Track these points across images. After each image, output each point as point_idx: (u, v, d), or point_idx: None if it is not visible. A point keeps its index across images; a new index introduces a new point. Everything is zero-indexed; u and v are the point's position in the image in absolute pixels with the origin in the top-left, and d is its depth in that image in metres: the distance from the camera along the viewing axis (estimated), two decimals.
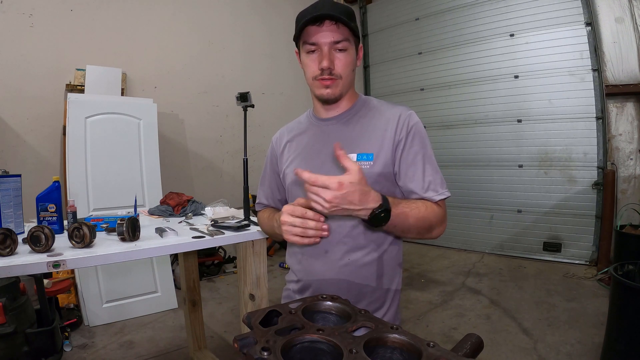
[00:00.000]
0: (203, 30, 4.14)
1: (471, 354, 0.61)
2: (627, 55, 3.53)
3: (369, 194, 0.77)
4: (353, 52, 0.96)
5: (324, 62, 0.92)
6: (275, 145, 1.14)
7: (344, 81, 0.96)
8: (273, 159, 1.14)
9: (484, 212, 4.40)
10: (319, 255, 0.97)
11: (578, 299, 2.95)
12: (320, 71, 0.93)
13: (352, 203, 0.75)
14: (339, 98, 0.99)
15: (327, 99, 0.98)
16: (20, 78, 3.04)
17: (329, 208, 0.75)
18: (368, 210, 0.78)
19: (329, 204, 0.74)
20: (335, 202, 0.74)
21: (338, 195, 0.73)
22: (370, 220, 0.80)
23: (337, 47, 0.92)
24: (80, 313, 2.73)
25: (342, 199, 0.74)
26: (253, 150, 4.50)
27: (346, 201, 0.74)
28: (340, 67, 0.93)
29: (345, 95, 1.01)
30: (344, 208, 0.76)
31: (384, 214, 0.79)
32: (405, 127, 0.95)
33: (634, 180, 3.58)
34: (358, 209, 0.77)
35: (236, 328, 2.66)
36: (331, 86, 0.95)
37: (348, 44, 0.93)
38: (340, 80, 0.95)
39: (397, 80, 5.13)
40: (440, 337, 2.49)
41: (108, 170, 2.91)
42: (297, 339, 0.57)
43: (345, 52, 0.93)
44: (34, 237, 1.17)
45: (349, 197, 0.74)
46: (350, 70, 0.97)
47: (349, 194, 0.74)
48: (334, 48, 0.93)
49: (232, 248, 3.75)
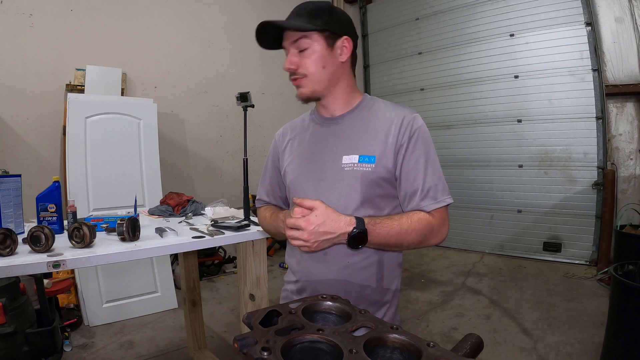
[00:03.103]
0: (203, 30, 4.14)
1: (471, 354, 0.61)
2: (627, 55, 3.53)
3: (339, 220, 0.82)
4: (320, 48, 0.92)
5: (285, 64, 0.95)
6: (278, 141, 1.13)
7: (314, 78, 0.94)
8: (275, 155, 1.13)
9: (484, 212, 4.40)
10: (319, 257, 0.97)
11: (578, 299, 2.95)
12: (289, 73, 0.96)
13: (327, 233, 0.81)
14: (315, 96, 0.97)
15: (300, 98, 0.98)
16: (20, 78, 3.04)
17: (311, 246, 0.82)
18: (344, 234, 0.82)
19: (308, 242, 0.81)
20: (312, 239, 0.81)
21: (311, 231, 0.80)
22: (348, 243, 0.84)
23: (298, 46, 0.93)
24: (80, 313, 2.73)
25: (317, 234, 0.81)
26: (253, 150, 4.51)
27: (321, 234, 0.81)
28: (303, 65, 0.93)
29: (333, 92, 0.98)
30: (324, 240, 0.82)
31: (360, 235, 0.83)
32: (408, 131, 0.93)
33: (634, 180, 3.58)
34: (335, 236, 0.82)
35: (236, 328, 2.66)
36: (300, 85, 0.96)
37: (309, 41, 0.92)
38: (306, 78, 0.94)
39: (397, 80, 5.13)
40: (440, 337, 2.49)
41: (108, 170, 2.91)
42: (297, 339, 0.57)
43: (307, 50, 0.92)
44: (34, 237, 1.17)
45: (321, 229, 0.81)
46: (320, 66, 0.93)
47: (319, 226, 0.81)
48: (297, 48, 0.93)
49: (232, 248, 3.75)
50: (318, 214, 0.81)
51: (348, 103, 1.01)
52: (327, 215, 0.82)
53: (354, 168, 0.94)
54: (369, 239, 0.84)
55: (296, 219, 0.82)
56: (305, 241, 0.82)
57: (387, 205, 0.96)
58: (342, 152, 0.97)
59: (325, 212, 0.82)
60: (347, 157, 0.95)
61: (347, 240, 0.83)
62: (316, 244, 0.82)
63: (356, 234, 0.82)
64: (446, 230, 0.93)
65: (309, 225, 0.80)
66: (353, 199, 0.94)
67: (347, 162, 0.95)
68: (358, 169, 0.94)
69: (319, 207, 0.82)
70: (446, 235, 0.93)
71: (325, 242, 0.83)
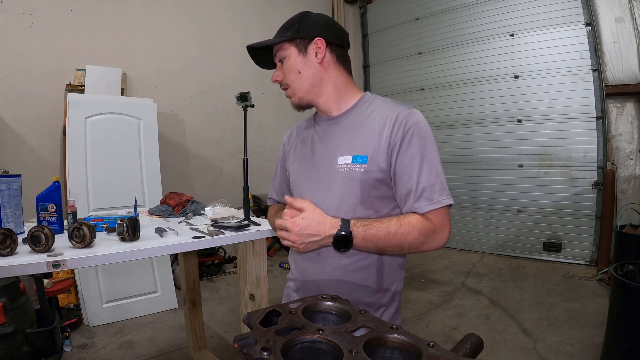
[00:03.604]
0: (203, 30, 4.14)
1: (471, 354, 0.61)
2: (627, 55, 3.53)
3: (324, 223, 0.83)
4: (293, 55, 0.97)
5: (272, 78, 1.02)
6: (285, 143, 1.17)
7: (295, 86, 0.99)
8: (283, 156, 1.17)
9: (484, 212, 4.40)
10: (313, 258, 0.98)
11: (578, 299, 2.95)
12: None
13: (312, 235, 0.83)
14: (305, 104, 1.01)
15: (294, 107, 1.03)
16: (20, 78, 3.04)
17: (299, 247, 0.84)
18: (329, 237, 0.83)
19: (295, 243, 0.83)
20: (299, 240, 0.83)
21: (297, 233, 0.82)
22: (333, 246, 0.84)
23: (279, 59, 1.00)
24: (80, 313, 2.73)
25: (302, 236, 0.83)
26: (253, 150, 4.51)
27: (306, 235, 0.83)
28: (285, 76, 0.99)
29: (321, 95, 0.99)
30: (311, 242, 0.84)
31: (344, 238, 0.83)
32: (401, 129, 0.88)
33: (634, 180, 3.58)
34: (321, 239, 0.83)
35: (236, 328, 2.66)
36: (289, 96, 1.02)
37: (283, 52, 0.98)
38: (290, 88, 0.99)
39: (397, 80, 5.13)
40: (440, 337, 2.49)
41: (108, 170, 2.91)
42: (297, 339, 0.57)
43: (284, 60, 0.98)
44: (34, 237, 1.17)
45: (306, 231, 0.82)
46: (295, 73, 0.97)
47: (304, 228, 0.82)
48: (279, 61, 1.00)
49: (232, 248, 3.75)
50: (304, 216, 0.83)
51: (343, 102, 1.00)
52: (314, 217, 0.83)
53: (347, 169, 0.93)
54: (355, 241, 0.83)
55: (284, 220, 0.84)
56: (293, 242, 0.84)
57: (385, 206, 0.93)
58: (338, 152, 0.96)
59: (312, 215, 0.83)
60: (342, 157, 0.95)
61: (332, 243, 0.84)
62: (303, 245, 0.84)
63: (340, 237, 0.82)
64: (447, 234, 0.87)
65: (294, 227, 0.82)
66: (348, 201, 0.93)
67: (342, 163, 0.94)
68: (351, 170, 0.92)
69: (307, 209, 0.84)
70: (447, 240, 0.87)
71: (312, 244, 0.84)
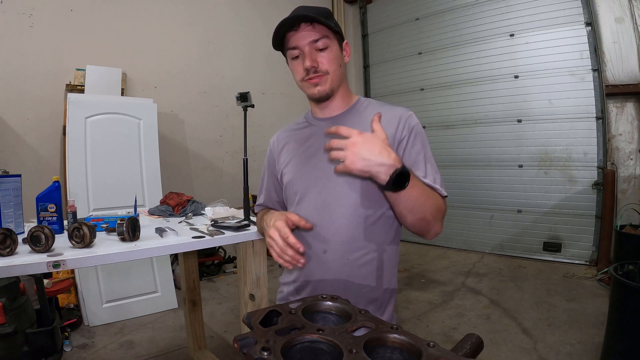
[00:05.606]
0: (203, 30, 4.14)
1: (471, 354, 0.61)
2: (627, 55, 3.53)
3: (390, 152, 0.77)
4: (336, 48, 0.97)
5: (307, 62, 0.94)
6: (272, 147, 1.15)
7: (332, 76, 0.97)
8: (271, 161, 1.15)
9: (484, 212, 4.40)
10: (318, 255, 0.97)
11: (578, 299, 2.95)
12: (306, 72, 0.96)
13: (372, 153, 0.75)
14: (331, 94, 1.00)
15: (319, 97, 0.99)
16: (20, 78, 3.04)
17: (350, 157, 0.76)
18: (389, 167, 0.76)
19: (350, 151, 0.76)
20: (356, 150, 0.75)
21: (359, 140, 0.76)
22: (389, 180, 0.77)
23: (318, 45, 0.95)
24: (80, 313, 2.73)
25: (363, 147, 0.75)
26: (253, 150, 4.49)
27: (366, 149, 0.75)
28: (324, 63, 0.96)
29: (338, 92, 1.02)
30: (364, 158, 0.75)
31: (407, 174, 0.78)
32: (407, 127, 0.96)
33: (634, 180, 3.58)
34: (378, 163, 0.76)
35: (236, 328, 2.66)
36: (320, 83, 0.97)
37: (328, 41, 0.95)
38: (327, 75, 0.97)
39: (397, 80, 5.13)
40: (440, 337, 2.49)
41: (108, 170, 2.91)
42: (297, 339, 0.57)
43: (327, 49, 0.95)
44: (34, 237, 1.17)
45: (368, 144, 0.76)
46: (337, 65, 0.98)
47: (369, 141, 0.76)
48: (315, 47, 0.95)
49: (232, 248, 3.75)
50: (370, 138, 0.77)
51: (346, 103, 1.05)
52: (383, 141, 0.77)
53: None
54: (410, 183, 0.79)
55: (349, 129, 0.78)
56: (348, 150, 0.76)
57: (385, 205, 0.95)
58: None
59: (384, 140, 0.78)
60: None
61: (391, 175, 0.77)
62: (354, 158, 0.76)
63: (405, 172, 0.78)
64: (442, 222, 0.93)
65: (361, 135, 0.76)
66: (351, 196, 0.94)
67: None
68: None
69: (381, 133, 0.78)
70: (441, 229, 0.93)
71: (364, 162, 0.76)
